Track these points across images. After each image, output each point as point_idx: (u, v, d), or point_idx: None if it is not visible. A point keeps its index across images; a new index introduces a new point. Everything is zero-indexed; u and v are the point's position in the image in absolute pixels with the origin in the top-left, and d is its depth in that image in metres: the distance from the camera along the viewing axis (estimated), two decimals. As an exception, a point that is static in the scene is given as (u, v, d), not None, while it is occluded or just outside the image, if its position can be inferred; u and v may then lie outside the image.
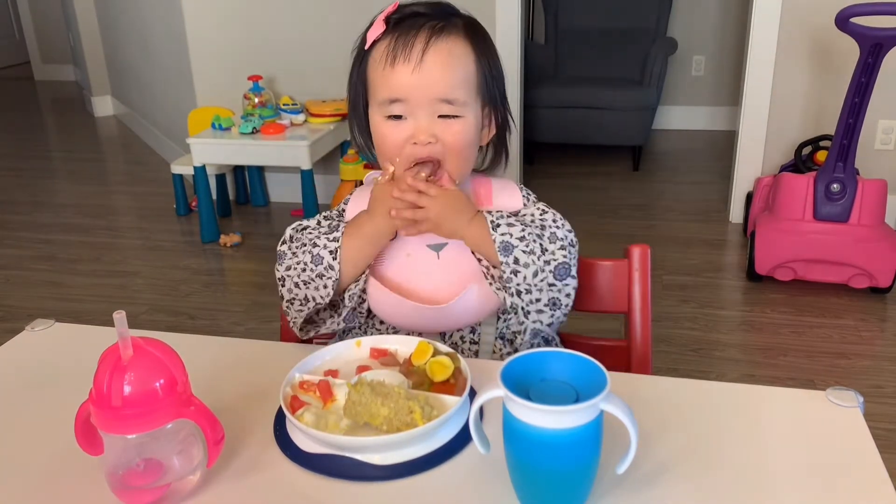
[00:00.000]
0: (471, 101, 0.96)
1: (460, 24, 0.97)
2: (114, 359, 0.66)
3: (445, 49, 0.94)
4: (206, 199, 3.15)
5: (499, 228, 0.95)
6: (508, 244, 0.94)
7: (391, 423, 0.74)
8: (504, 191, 1.06)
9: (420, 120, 0.95)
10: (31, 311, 2.66)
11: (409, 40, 0.93)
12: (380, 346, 0.89)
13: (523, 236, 0.95)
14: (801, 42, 2.98)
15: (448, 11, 0.98)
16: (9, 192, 3.97)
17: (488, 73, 0.98)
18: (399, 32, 0.94)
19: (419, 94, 0.93)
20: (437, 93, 0.93)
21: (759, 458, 0.74)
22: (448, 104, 0.94)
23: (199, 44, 3.47)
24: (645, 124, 4.02)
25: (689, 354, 2.28)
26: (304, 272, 0.98)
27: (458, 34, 0.96)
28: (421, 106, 0.94)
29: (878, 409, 1.98)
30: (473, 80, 0.96)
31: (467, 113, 0.96)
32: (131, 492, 0.70)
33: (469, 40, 0.97)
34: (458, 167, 0.98)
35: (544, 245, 0.96)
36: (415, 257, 1.01)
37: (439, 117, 0.95)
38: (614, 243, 3.08)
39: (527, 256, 0.94)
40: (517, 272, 0.94)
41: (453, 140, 0.96)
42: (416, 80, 0.93)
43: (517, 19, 3.17)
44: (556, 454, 0.64)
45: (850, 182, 2.49)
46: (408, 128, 0.95)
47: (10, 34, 7.34)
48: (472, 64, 0.96)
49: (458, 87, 0.94)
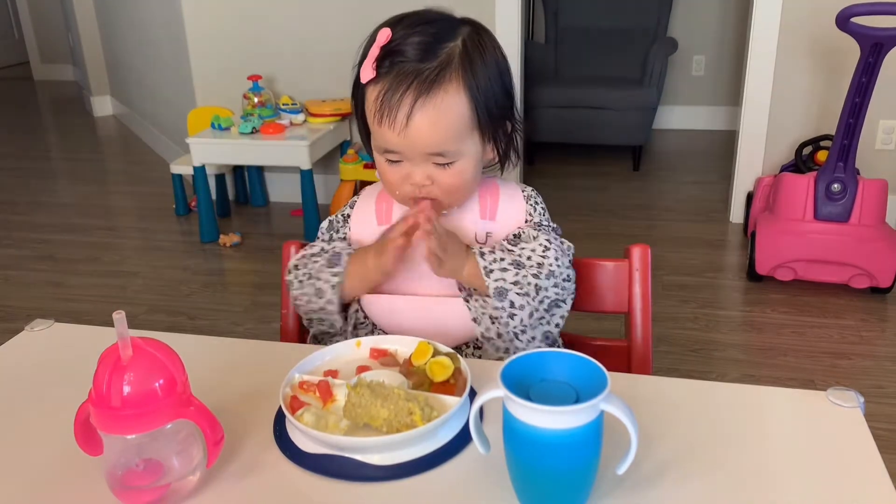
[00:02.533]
0: (466, 142, 0.95)
1: (454, 61, 0.92)
2: (113, 359, 0.66)
3: (432, 108, 0.90)
4: (206, 199, 3.15)
5: (492, 274, 0.94)
6: (503, 289, 0.94)
7: (391, 425, 0.73)
8: (510, 200, 1.06)
9: (416, 165, 0.95)
10: (31, 311, 2.66)
11: (394, 104, 0.90)
12: (380, 347, 0.89)
13: (517, 280, 0.95)
14: (802, 42, 2.98)
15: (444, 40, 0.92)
16: (9, 192, 3.97)
17: (485, 104, 0.94)
18: (385, 89, 0.91)
19: (408, 151, 0.93)
20: (426, 149, 0.93)
21: (759, 458, 0.74)
22: (439, 156, 0.93)
23: (198, 44, 3.47)
24: (645, 124, 4.02)
25: (689, 354, 2.28)
26: (309, 303, 1.01)
27: (448, 81, 0.91)
28: (413, 157, 0.94)
29: (878, 410, 1.98)
30: (468, 121, 0.94)
31: (463, 155, 0.95)
32: (131, 492, 0.70)
33: (461, 80, 0.91)
34: (457, 200, 1.00)
35: (539, 284, 0.96)
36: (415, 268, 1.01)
37: (433, 163, 0.94)
38: (614, 243, 3.08)
39: (521, 299, 0.95)
40: (514, 315, 0.95)
41: (450, 182, 0.96)
42: (402, 141, 0.92)
43: (517, 19, 3.17)
44: (556, 454, 0.63)
45: (851, 182, 2.49)
46: (404, 169, 0.95)
47: (9, 34, 7.34)
48: (466, 108, 0.92)
49: (447, 140, 0.92)
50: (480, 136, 0.96)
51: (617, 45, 4.42)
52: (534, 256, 0.97)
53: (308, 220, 3.08)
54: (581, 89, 4.06)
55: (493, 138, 0.99)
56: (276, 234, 3.34)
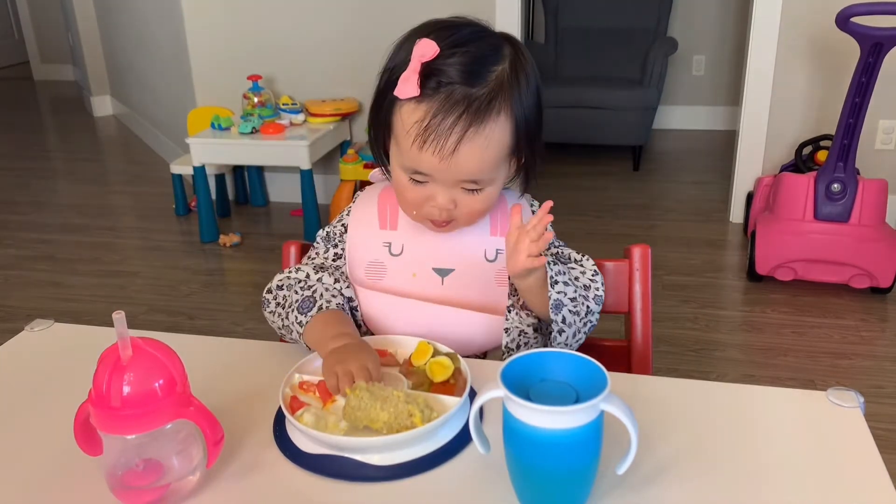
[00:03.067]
0: (500, 170, 0.93)
1: (503, 86, 0.88)
2: (113, 359, 0.66)
3: (482, 138, 0.87)
4: (206, 199, 3.15)
5: (556, 286, 0.92)
6: (560, 303, 0.93)
7: (391, 428, 0.73)
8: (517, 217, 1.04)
9: (443, 188, 0.91)
10: (31, 311, 2.66)
11: (444, 130, 0.85)
12: (380, 347, 0.89)
13: (575, 297, 0.94)
14: (802, 42, 2.98)
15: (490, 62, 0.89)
16: (9, 192, 3.97)
17: (524, 128, 0.91)
18: (434, 113, 0.86)
19: (446, 176, 0.90)
20: (465, 177, 0.90)
21: (759, 458, 0.74)
22: (474, 182, 0.91)
23: (198, 43, 3.47)
24: (645, 124, 4.02)
25: (689, 354, 2.28)
26: (280, 328, 0.98)
27: (499, 108, 0.87)
28: (445, 181, 0.90)
29: (878, 410, 1.98)
30: (508, 147, 0.91)
31: (494, 183, 0.93)
32: (131, 492, 0.70)
33: (510, 106, 0.88)
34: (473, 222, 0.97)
35: (590, 307, 0.96)
36: (420, 278, 0.99)
37: (463, 188, 0.92)
38: (614, 243, 3.08)
39: (572, 317, 0.94)
40: (562, 332, 0.94)
41: (476, 209, 0.94)
42: (444, 166, 0.88)
43: (517, 19, 3.17)
44: (556, 454, 0.63)
45: (851, 182, 2.49)
46: (429, 190, 0.92)
47: (9, 34, 7.34)
48: (509, 134, 0.90)
49: (488, 169, 0.90)
50: (513, 161, 0.95)
51: (617, 45, 4.42)
52: (582, 278, 0.98)
53: (308, 220, 3.08)
54: (581, 89, 4.06)
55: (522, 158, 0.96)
56: (276, 234, 3.34)
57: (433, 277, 0.99)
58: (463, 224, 0.97)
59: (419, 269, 0.99)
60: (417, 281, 0.99)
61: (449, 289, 0.99)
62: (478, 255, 1.00)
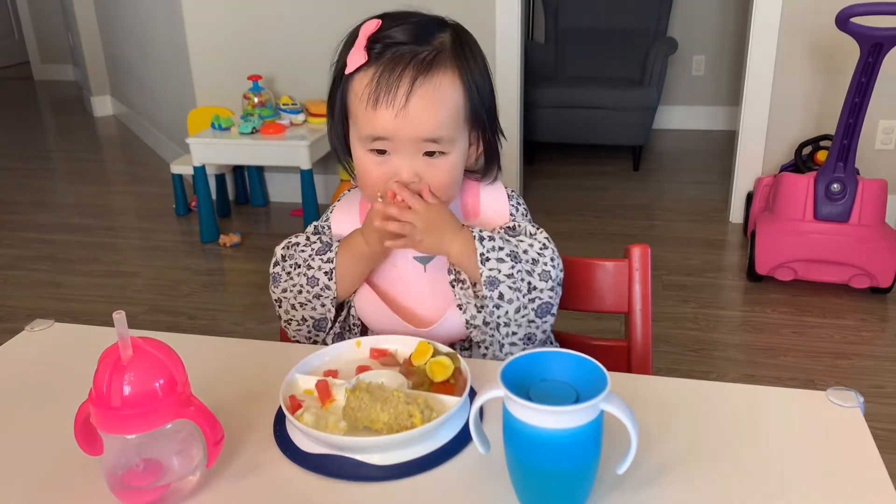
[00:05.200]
0: (458, 133, 0.93)
1: (448, 49, 0.90)
2: (113, 359, 0.66)
3: (432, 88, 0.88)
4: (206, 199, 3.15)
5: (487, 263, 0.92)
6: (495, 280, 0.92)
7: (391, 429, 0.73)
8: (492, 200, 1.04)
9: (404, 158, 0.91)
10: (31, 311, 2.66)
11: (393, 82, 0.87)
12: (380, 347, 0.89)
13: (511, 273, 0.92)
14: (802, 42, 2.98)
15: (433, 30, 0.91)
16: (9, 192, 3.97)
17: (476, 96, 0.93)
18: (382, 70, 0.88)
19: (403, 135, 0.89)
20: (423, 134, 0.89)
21: (759, 458, 0.74)
22: (434, 143, 0.90)
23: (198, 43, 3.47)
24: (645, 124, 4.02)
25: (689, 354, 2.28)
26: (300, 294, 0.99)
27: (445, 65, 0.89)
28: (405, 145, 0.90)
29: (878, 410, 1.98)
30: (462, 110, 0.92)
31: (454, 148, 0.92)
32: (131, 492, 0.70)
33: (457, 67, 0.90)
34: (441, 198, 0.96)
35: (533, 283, 0.94)
36: (402, 269, 1.01)
37: (424, 154, 0.91)
38: (614, 243, 3.08)
39: (512, 293, 0.93)
40: (499, 306, 0.93)
41: (438, 180, 0.93)
42: (399, 123, 0.88)
43: (517, 19, 3.17)
44: (556, 454, 0.63)
45: (851, 182, 2.49)
46: (391, 164, 0.92)
47: (9, 34, 7.34)
48: (461, 95, 0.91)
49: (444, 125, 0.90)
50: (469, 133, 0.95)
51: (617, 45, 4.42)
52: (530, 251, 0.95)
53: (308, 220, 3.08)
54: (581, 89, 4.06)
55: (480, 138, 0.97)
56: (276, 234, 3.34)
57: (416, 266, 1.01)
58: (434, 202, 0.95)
59: (400, 260, 1.01)
60: (400, 271, 1.01)
61: (431, 276, 1.00)
62: None
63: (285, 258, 1.01)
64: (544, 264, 0.95)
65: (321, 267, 0.97)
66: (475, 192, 1.04)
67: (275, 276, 1.01)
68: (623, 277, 1.11)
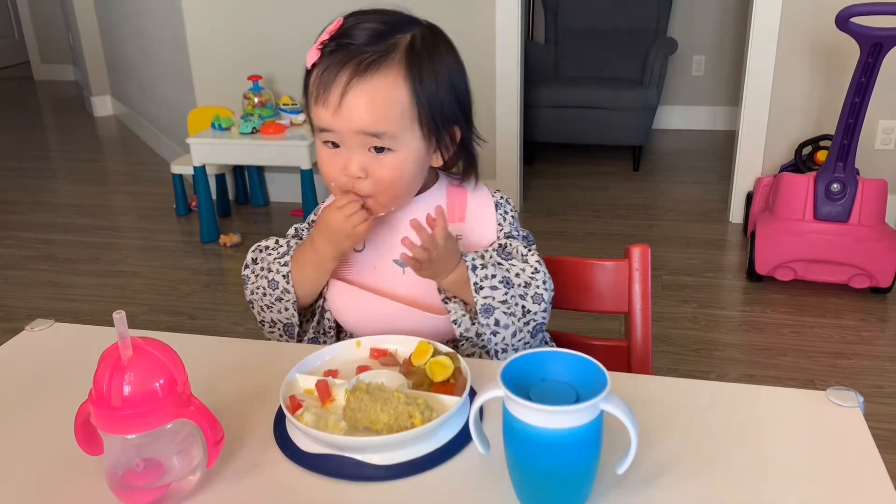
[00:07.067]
0: (406, 132, 0.92)
1: (400, 50, 0.91)
2: (113, 359, 0.66)
3: (368, 89, 0.89)
4: (206, 199, 3.15)
5: (482, 291, 0.93)
6: (490, 307, 0.94)
7: (391, 430, 0.73)
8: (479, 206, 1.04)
9: (352, 152, 0.92)
10: (31, 311, 2.66)
11: (329, 82, 0.90)
12: (380, 347, 0.89)
13: (506, 300, 0.94)
14: (802, 42, 2.98)
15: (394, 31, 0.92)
16: (9, 192, 3.97)
17: (428, 102, 0.92)
18: (324, 69, 0.91)
19: (342, 128, 0.91)
20: (358, 127, 0.91)
21: (759, 458, 0.74)
22: (375, 137, 0.91)
23: (198, 44, 3.47)
24: (645, 124, 4.02)
25: (689, 354, 2.28)
26: (265, 297, 1.01)
27: (389, 67, 0.90)
28: (348, 138, 0.92)
29: (878, 409, 1.98)
30: (408, 111, 0.92)
31: (401, 146, 0.92)
32: (131, 492, 0.70)
33: (405, 69, 0.91)
34: (392, 200, 0.96)
35: (527, 306, 0.96)
36: (381, 270, 1.02)
37: (372, 149, 0.92)
38: (614, 243, 3.08)
39: (507, 318, 0.95)
40: (496, 333, 0.95)
41: (385, 176, 0.93)
42: (336, 118, 0.91)
43: (517, 19, 3.17)
44: (556, 454, 0.64)
45: (851, 182, 2.49)
46: (341, 157, 0.93)
47: (9, 34, 7.34)
48: (406, 96, 0.91)
49: (383, 122, 0.90)
50: (423, 134, 0.94)
51: (617, 45, 4.42)
52: (522, 276, 0.96)
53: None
54: (581, 89, 4.06)
55: (438, 140, 0.96)
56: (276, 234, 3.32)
57: (394, 269, 1.01)
58: (383, 200, 0.95)
59: (380, 262, 1.02)
60: (379, 274, 1.02)
61: (411, 279, 1.00)
62: None
63: (256, 261, 1.03)
64: (536, 287, 0.97)
65: (279, 270, 1.00)
66: (463, 196, 1.04)
67: (244, 279, 1.04)
68: (623, 277, 1.11)
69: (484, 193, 1.05)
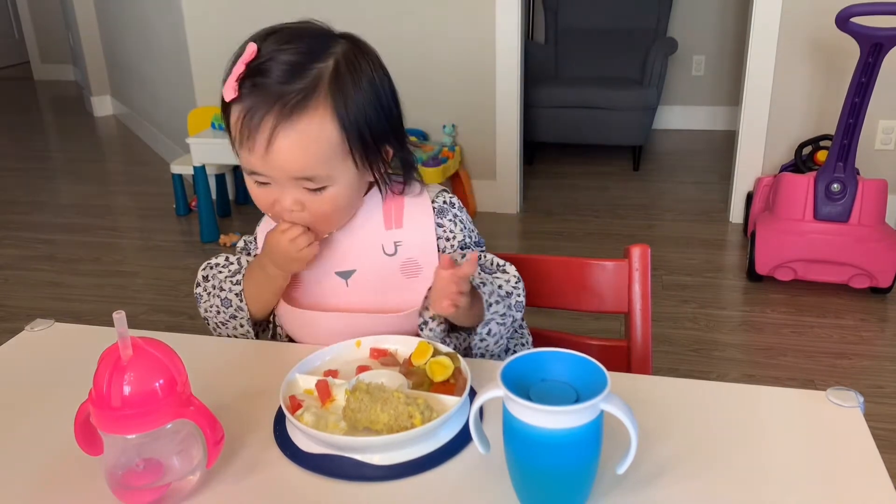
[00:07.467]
0: (338, 169, 0.89)
1: (324, 81, 0.87)
2: (113, 359, 0.66)
3: (295, 134, 0.85)
4: (206, 199, 3.15)
5: (490, 308, 0.93)
6: (489, 319, 0.95)
7: (391, 430, 0.73)
8: (416, 212, 1.00)
9: (284, 189, 0.89)
10: (31, 311, 2.66)
11: (255, 127, 0.85)
12: (380, 347, 0.89)
13: (504, 313, 0.95)
14: (802, 42, 2.98)
15: (313, 59, 0.88)
16: (9, 192, 3.97)
17: (357, 132, 0.89)
18: (246, 112, 0.86)
19: (273, 174, 0.88)
20: (291, 173, 0.88)
21: (759, 458, 0.74)
22: (308, 180, 0.88)
23: (199, 44, 3.47)
24: (645, 124, 4.02)
25: (689, 354, 2.28)
26: (219, 314, 1.01)
27: (315, 107, 0.86)
28: (280, 181, 0.89)
29: (878, 409, 1.98)
30: (339, 147, 0.88)
31: (335, 181, 0.90)
32: (131, 492, 0.70)
33: (331, 104, 0.87)
34: (331, 226, 0.96)
35: (514, 316, 0.98)
36: (324, 284, 1.00)
37: (305, 188, 0.89)
38: (614, 243, 3.08)
39: (499, 328, 0.96)
40: (484, 339, 0.96)
41: (321, 210, 0.91)
42: (266, 164, 0.87)
43: (517, 19, 3.17)
44: (556, 454, 0.64)
45: (851, 182, 2.49)
46: (273, 193, 0.90)
47: (9, 34, 7.34)
48: (335, 133, 0.87)
49: (313, 165, 0.87)
50: (356, 163, 0.91)
51: (617, 45, 4.42)
52: (505, 287, 0.97)
53: (308, 220, 3.08)
54: (581, 89, 4.06)
55: (371, 163, 0.93)
56: (276, 234, 3.34)
57: (337, 282, 0.99)
58: (322, 228, 0.94)
59: (322, 275, 1.00)
60: (322, 288, 1.00)
61: (355, 291, 0.99)
62: (376, 251, 0.99)
63: (207, 278, 1.02)
64: (517, 296, 0.98)
65: (232, 289, 0.99)
66: (399, 203, 1.00)
67: (197, 297, 1.03)
68: (623, 277, 1.11)
69: (423, 199, 1.01)
